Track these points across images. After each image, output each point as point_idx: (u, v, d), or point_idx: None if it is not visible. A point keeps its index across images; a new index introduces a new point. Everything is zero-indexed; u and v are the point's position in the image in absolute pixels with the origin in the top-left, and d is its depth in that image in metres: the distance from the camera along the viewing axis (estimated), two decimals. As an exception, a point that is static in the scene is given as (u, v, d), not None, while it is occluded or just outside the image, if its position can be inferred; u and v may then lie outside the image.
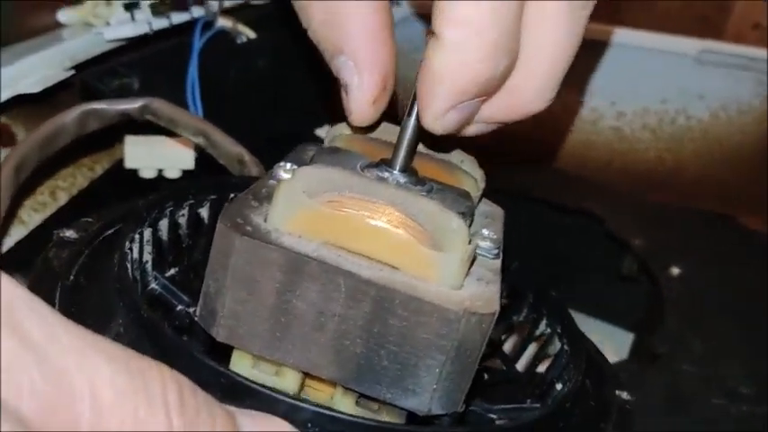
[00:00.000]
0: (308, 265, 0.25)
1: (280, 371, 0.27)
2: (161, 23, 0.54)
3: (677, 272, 0.50)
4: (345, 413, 0.25)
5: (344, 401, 0.28)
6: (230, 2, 0.58)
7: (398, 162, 0.30)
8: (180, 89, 0.51)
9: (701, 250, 0.53)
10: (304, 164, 0.31)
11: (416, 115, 0.30)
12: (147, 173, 0.50)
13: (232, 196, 0.36)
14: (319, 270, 0.25)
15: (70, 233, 0.31)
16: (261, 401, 0.24)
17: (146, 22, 0.53)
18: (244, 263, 0.25)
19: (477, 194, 0.33)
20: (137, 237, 0.30)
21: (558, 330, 0.36)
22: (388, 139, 0.33)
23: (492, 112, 0.31)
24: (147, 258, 0.32)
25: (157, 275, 0.32)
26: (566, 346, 0.35)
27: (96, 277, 0.28)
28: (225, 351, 0.27)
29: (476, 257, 0.29)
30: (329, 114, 0.62)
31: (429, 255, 0.26)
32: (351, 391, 0.27)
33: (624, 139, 0.79)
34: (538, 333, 0.37)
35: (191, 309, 0.31)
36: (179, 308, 0.32)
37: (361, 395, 0.27)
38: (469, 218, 0.31)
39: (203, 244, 0.35)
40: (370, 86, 0.30)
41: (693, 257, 0.51)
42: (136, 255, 0.31)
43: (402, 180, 0.30)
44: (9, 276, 0.18)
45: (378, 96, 0.31)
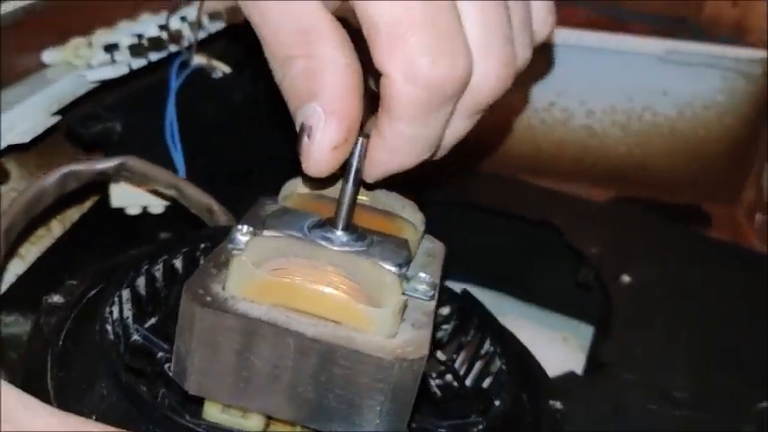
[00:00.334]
0: (260, 328, 0.30)
1: (246, 414, 0.32)
2: (140, 62, 0.58)
3: (628, 280, 0.54)
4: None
5: (305, 436, 0.32)
6: (204, 33, 0.61)
7: (340, 222, 0.34)
8: (160, 129, 0.55)
9: (653, 258, 0.57)
10: (260, 223, 0.35)
11: (353, 181, 0.34)
12: (133, 210, 0.54)
13: (203, 246, 0.40)
14: (270, 332, 0.30)
15: (57, 298, 0.35)
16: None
17: (125, 63, 0.57)
18: (206, 329, 0.30)
19: (416, 238, 0.37)
20: (116, 299, 0.35)
21: (499, 350, 0.40)
22: (335, 196, 0.36)
23: None
24: (128, 314, 0.36)
25: (138, 328, 0.36)
26: (504, 365, 0.39)
27: (82, 342, 0.33)
28: (199, 398, 0.32)
29: (409, 303, 0.33)
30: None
31: (365, 311, 0.31)
32: (308, 427, 0.32)
33: (595, 135, 0.82)
34: (483, 352, 0.42)
35: (169, 355, 0.36)
36: (159, 355, 0.36)
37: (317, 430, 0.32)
38: (406, 266, 0.35)
39: (178, 291, 0.39)
40: (337, 131, 0.33)
41: (645, 265, 0.55)
42: (116, 315, 0.35)
43: (344, 239, 0.34)
44: (6, 382, 0.22)
45: (339, 144, 0.33)
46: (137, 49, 0.58)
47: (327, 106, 0.32)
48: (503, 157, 0.83)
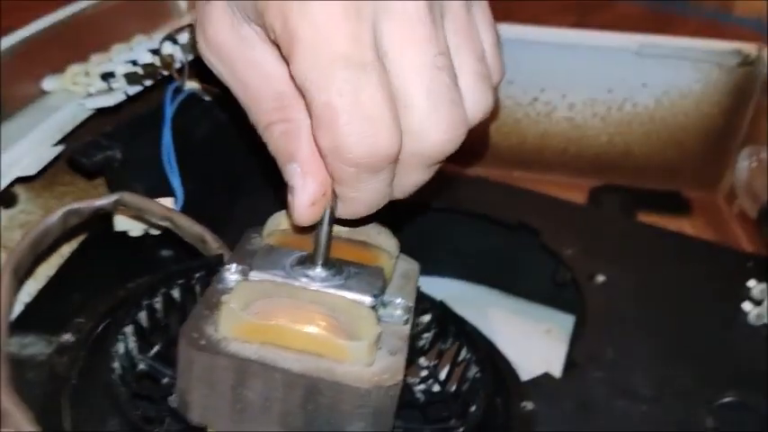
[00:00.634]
0: (251, 366, 0.34)
1: (245, 438, 0.36)
2: (135, 89, 0.61)
3: (602, 279, 0.57)
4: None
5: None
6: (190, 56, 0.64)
7: (319, 259, 0.38)
8: (157, 154, 0.58)
9: (628, 258, 0.60)
10: (247, 260, 0.39)
11: (327, 222, 0.37)
12: (135, 232, 0.57)
13: (197, 275, 0.44)
14: (260, 369, 0.34)
15: (68, 337, 0.39)
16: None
17: (122, 90, 0.60)
18: (202, 369, 0.34)
19: (391, 264, 0.41)
20: (120, 336, 0.39)
21: (474, 357, 0.44)
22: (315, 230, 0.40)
23: None
24: (133, 346, 0.40)
25: (143, 357, 0.40)
26: (479, 372, 0.43)
27: (93, 378, 0.37)
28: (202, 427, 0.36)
29: (385, 330, 0.36)
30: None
31: (344, 345, 0.34)
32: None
33: (577, 127, 0.85)
34: (460, 359, 0.45)
35: (173, 380, 0.39)
36: (165, 380, 0.40)
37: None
38: (381, 294, 0.38)
39: (176, 318, 0.43)
40: (313, 189, 0.37)
41: (620, 265, 0.58)
42: (122, 350, 0.39)
43: (323, 274, 0.38)
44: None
45: (317, 200, 0.37)
46: (132, 77, 0.61)
47: (304, 167, 0.35)
48: (491, 150, 0.86)
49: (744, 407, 0.47)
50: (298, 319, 0.35)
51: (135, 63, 0.62)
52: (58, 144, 0.57)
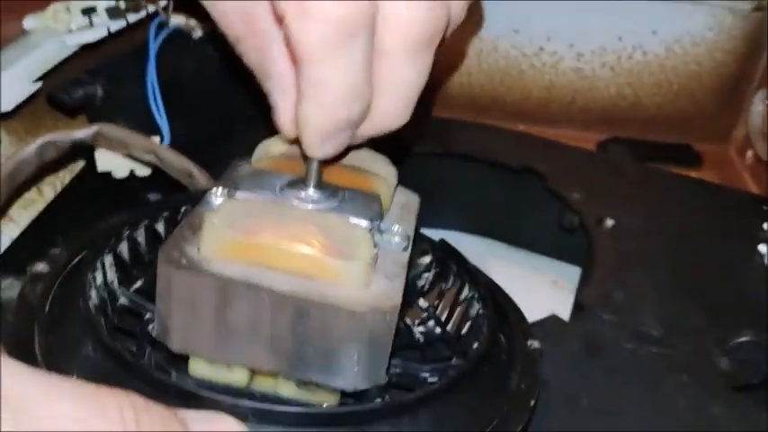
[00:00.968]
0: (236, 286, 0.31)
1: (230, 367, 0.33)
2: (118, 25, 0.58)
3: (611, 223, 0.54)
4: (277, 403, 0.31)
5: (286, 386, 0.34)
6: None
7: (311, 180, 0.35)
8: (141, 92, 0.55)
9: (636, 201, 0.57)
10: (234, 185, 0.36)
11: None
12: (120, 173, 0.55)
13: (184, 209, 0.41)
14: (245, 290, 0.31)
15: (42, 266, 0.36)
16: (206, 404, 0.29)
17: (104, 25, 0.57)
18: (183, 290, 0.31)
19: (389, 192, 0.38)
20: (98, 265, 0.36)
21: (477, 295, 0.41)
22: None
23: (360, 131, 0.35)
24: (113, 278, 0.37)
25: (125, 291, 0.37)
26: (481, 309, 0.40)
27: (67, 308, 0.34)
28: (185, 355, 0.33)
29: (383, 255, 0.34)
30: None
31: (336, 265, 0.32)
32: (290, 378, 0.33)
33: (585, 78, 0.82)
34: (462, 298, 0.43)
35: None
36: (147, 316, 0.37)
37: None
38: (377, 220, 0.35)
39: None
40: (292, 106, 0.34)
41: (628, 208, 0.56)
42: (100, 280, 0.36)
43: (315, 196, 0.35)
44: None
45: None
46: (114, 12, 0.58)
47: (281, 83, 0.33)
48: (493, 104, 0.82)
49: (758, 346, 0.44)
50: (287, 238, 0.32)
51: (117, -3, 0.58)
52: (37, 81, 0.54)
